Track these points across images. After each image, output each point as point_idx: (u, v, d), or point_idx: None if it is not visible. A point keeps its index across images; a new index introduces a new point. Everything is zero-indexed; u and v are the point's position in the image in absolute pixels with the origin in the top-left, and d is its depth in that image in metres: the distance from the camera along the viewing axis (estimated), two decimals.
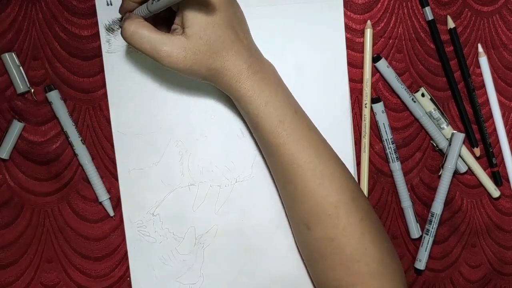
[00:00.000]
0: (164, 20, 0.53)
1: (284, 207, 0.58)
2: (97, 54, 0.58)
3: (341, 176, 0.53)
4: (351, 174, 0.54)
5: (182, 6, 0.49)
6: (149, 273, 0.59)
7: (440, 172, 0.60)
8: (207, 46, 0.49)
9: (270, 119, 0.52)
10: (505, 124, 0.61)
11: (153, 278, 0.59)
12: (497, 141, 0.61)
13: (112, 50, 0.58)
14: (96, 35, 0.58)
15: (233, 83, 0.52)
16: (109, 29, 0.58)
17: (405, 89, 0.59)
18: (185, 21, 0.49)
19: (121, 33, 0.50)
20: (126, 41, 0.50)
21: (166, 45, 0.49)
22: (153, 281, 0.59)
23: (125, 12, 0.52)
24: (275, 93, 0.52)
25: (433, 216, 0.60)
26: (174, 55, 0.49)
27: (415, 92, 0.60)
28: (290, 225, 0.58)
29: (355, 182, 0.54)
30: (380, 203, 0.61)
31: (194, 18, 0.49)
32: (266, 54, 0.57)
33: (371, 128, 0.60)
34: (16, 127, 0.57)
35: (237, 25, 0.51)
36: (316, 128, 0.54)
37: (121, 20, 0.53)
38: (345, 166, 0.54)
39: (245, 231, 0.60)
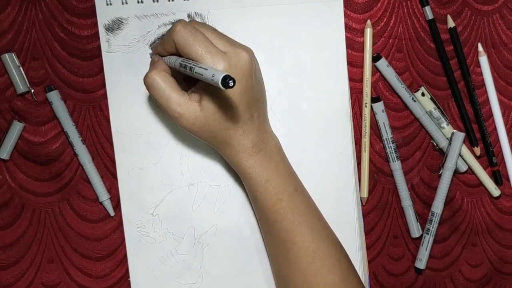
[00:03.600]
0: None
1: (275, 281, 0.58)
2: (97, 54, 0.58)
3: (334, 256, 0.53)
4: (345, 254, 0.55)
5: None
6: (148, 273, 0.59)
7: (441, 172, 0.60)
8: (217, 122, 0.50)
9: (269, 196, 0.53)
10: (505, 123, 0.61)
11: (152, 278, 0.59)
12: (497, 140, 0.61)
13: (112, 50, 0.58)
14: (96, 35, 0.58)
15: (235, 158, 0.53)
16: (108, 29, 0.58)
17: (405, 89, 0.59)
18: (203, 94, 0.50)
19: (144, 78, 0.51)
20: (145, 85, 0.51)
21: (181, 107, 0.50)
22: (153, 281, 0.59)
23: (156, 53, 0.54)
24: (276, 171, 0.53)
25: (433, 215, 0.60)
26: (184, 118, 0.50)
27: (415, 92, 0.60)
28: None
29: (348, 262, 0.55)
30: (380, 203, 0.61)
31: (212, 96, 0.49)
32: (266, 54, 0.57)
33: (371, 127, 0.60)
34: (16, 127, 0.57)
35: (253, 104, 0.52)
36: (314, 206, 0.56)
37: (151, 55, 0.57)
38: (340, 246, 0.55)
39: (245, 231, 0.60)
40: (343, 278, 0.53)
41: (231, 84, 0.41)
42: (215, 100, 0.49)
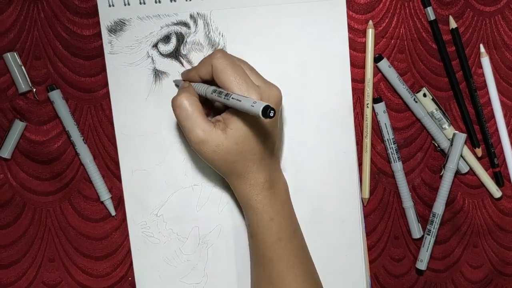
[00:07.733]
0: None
1: None
2: (99, 53, 0.58)
3: None
4: None
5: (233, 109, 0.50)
6: (153, 273, 0.59)
7: (442, 172, 0.60)
8: (238, 153, 0.50)
9: (271, 234, 0.53)
10: (507, 124, 0.61)
11: (157, 279, 0.59)
12: (498, 141, 0.61)
13: (114, 51, 0.58)
14: (98, 35, 0.58)
15: (246, 191, 0.53)
16: (111, 30, 0.57)
17: (407, 89, 0.59)
18: (229, 123, 0.50)
19: (173, 99, 0.51)
20: (172, 106, 0.51)
21: (205, 133, 0.50)
22: (157, 282, 0.59)
23: (186, 80, 0.55)
24: (282, 211, 0.54)
25: (434, 216, 0.60)
26: (205, 145, 0.50)
27: (416, 92, 0.60)
28: None
29: None
30: (381, 203, 0.61)
31: (238, 125, 0.50)
32: (269, 54, 0.57)
33: (372, 128, 0.60)
34: (18, 126, 0.57)
35: (274, 142, 0.53)
36: (307, 249, 0.56)
37: (178, 84, 0.57)
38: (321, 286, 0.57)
39: None
40: None
41: (271, 114, 0.41)
42: (242, 130, 0.50)
